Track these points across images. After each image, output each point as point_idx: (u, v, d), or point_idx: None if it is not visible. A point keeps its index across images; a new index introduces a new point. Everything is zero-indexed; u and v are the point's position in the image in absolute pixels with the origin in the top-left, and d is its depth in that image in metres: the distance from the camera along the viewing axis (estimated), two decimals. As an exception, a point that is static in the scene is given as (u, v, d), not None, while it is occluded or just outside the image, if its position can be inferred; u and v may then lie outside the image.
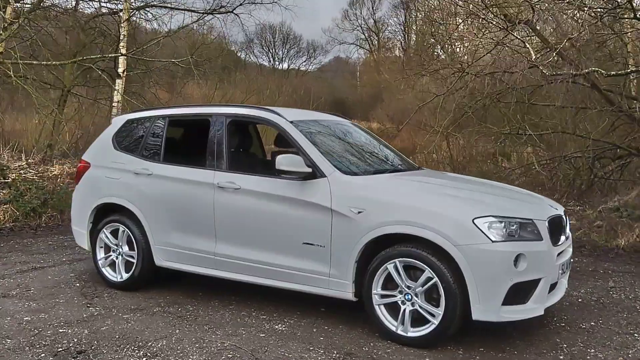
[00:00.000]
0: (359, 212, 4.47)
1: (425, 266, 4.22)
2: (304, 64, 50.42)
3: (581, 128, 11.16)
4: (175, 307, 5.25)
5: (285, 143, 6.03)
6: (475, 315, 4.11)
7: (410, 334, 4.31)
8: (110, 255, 5.82)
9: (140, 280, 5.65)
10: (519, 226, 4.22)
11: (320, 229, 4.65)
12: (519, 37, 9.08)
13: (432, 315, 4.23)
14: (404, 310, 4.34)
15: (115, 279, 5.76)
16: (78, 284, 5.95)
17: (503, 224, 4.17)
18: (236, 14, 15.75)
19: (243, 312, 5.09)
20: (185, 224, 5.34)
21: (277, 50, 50.21)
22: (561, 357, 4.19)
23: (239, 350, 4.23)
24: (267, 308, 5.18)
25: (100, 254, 5.88)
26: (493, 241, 4.09)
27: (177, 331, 4.63)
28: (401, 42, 47.08)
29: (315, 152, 4.86)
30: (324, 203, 4.63)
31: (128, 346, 4.30)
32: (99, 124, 14.01)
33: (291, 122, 5.14)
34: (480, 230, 4.11)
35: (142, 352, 4.20)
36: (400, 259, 4.32)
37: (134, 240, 5.62)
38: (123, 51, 13.81)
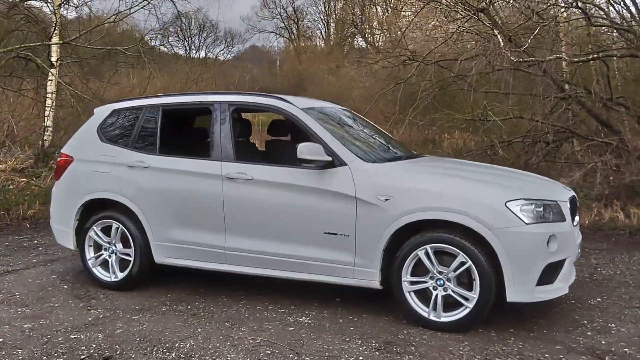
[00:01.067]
0: (386, 200, 4.42)
1: (458, 251, 4.23)
2: (222, 52, 49.41)
3: (529, 113, 11.52)
4: (183, 304, 5.02)
5: (279, 131, 5.92)
6: (510, 297, 4.16)
7: (443, 319, 4.32)
8: (102, 254, 5.48)
9: (138, 279, 5.36)
10: (547, 208, 4.31)
11: (344, 218, 4.56)
12: (487, 24, 9.28)
13: (466, 299, 4.26)
14: (436, 295, 4.34)
15: (108, 279, 5.43)
16: (66, 286, 5.57)
17: (533, 206, 4.24)
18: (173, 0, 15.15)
19: (258, 307, 4.93)
20: (189, 218, 5.10)
21: (193, 39, 48.97)
22: (588, 333, 4.33)
23: (275, 346, 4.09)
24: (282, 301, 5.05)
25: (90, 253, 5.52)
26: (527, 223, 4.15)
27: (199, 330, 4.43)
28: (321, 31, 47.32)
29: (333, 140, 4.75)
30: (347, 192, 4.54)
31: (155, 349, 4.07)
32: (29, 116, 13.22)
33: (302, 109, 5.01)
34: (514, 213, 4.17)
35: (174, 354, 3.98)
36: (432, 245, 4.31)
37: (130, 237, 5.31)
38: (56, 39, 13.00)
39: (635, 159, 9.06)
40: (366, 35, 39.21)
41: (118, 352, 4.02)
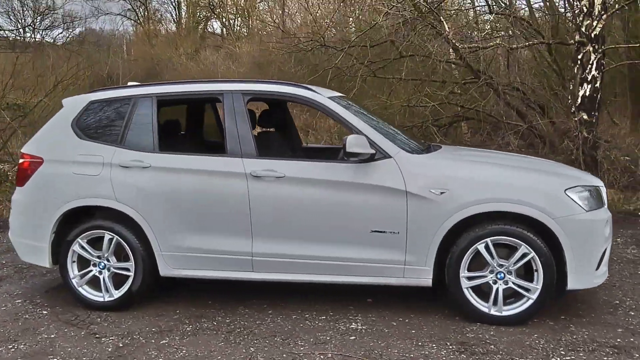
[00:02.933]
0: (442, 193, 4.21)
1: (520, 242, 4.15)
2: (60, 36, 45.39)
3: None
4: (206, 321, 4.46)
5: (270, 122, 5.49)
6: (571, 285, 4.16)
7: (505, 313, 4.23)
8: (90, 271, 4.69)
9: (138, 296, 4.67)
10: (595, 193, 4.36)
11: (393, 214, 4.28)
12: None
13: (527, 290, 4.19)
14: (497, 289, 4.22)
15: (101, 299, 4.67)
16: (45, 311, 4.72)
17: (588, 193, 4.27)
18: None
19: (294, 316, 4.51)
20: (205, 222, 4.52)
21: (26, 21, 44.45)
22: (632, 313, 4.47)
23: (354, 359, 3.74)
24: (312, 307, 4.66)
25: (74, 271, 4.71)
26: (586, 210, 4.17)
27: (252, 349, 3.94)
28: (172, 15, 45.41)
29: (372, 131, 4.44)
30: (396, 186, 4.27)
31: (224, 377, 3.54)
32: None
33: (329, 98, 4.63)
34: (574, 200, 4.16)
35: (250, 381, 3.49)
36: (493, 237, 4.18)
37: (127, 249, 4.60)
38: None
39: (558, 139, 9.67)
40: (223, 20, 38.42)
41: (183, 387, 3.44)
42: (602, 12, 9.08)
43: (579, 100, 9.34)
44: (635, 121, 13.60)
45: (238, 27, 37.02)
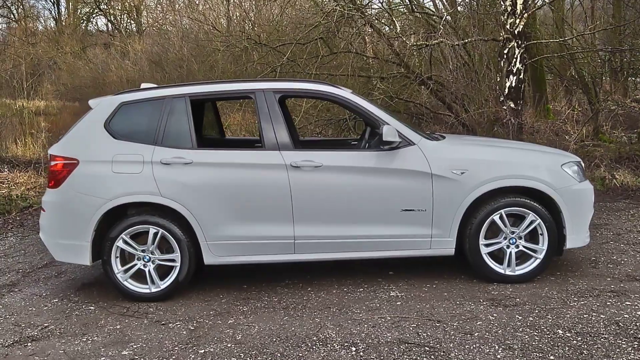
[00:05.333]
0: (462, 173, 4.87)
1: (528, 211, 4.90)
2: None
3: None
4: (254, 301, 4.84)
5: None
6: (570, 244, 4.98)
7: (517, 272, 4.97)
8: (135, 265, 4.91)
9: (183, 285, 4.96)
10: (581, 168, 5.21)
11: (421, 194, 4.89)
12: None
13: (535, 251, 4.96)
14: (510, 253, 4.95)
15: (147, 291, 4.91)
16: (91, 307, 4.88)
17: (577, 167, 5.10)
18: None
19: (334, 291, 5.00)
20: (249, 212, 4.88)
21: None
22: (610, 266, 5.37)
23: (411, 319, 4.31)
24: (347, 283, 5.17)
25: (118, 266, 4.90)
26: (579, 181, 4.99)
27: (317, 320, 4.40)
28: (51, 11, 43.33)
29: (397, 122, 5.02)
30: (422, 169, 4.88)
31: (308, 344, 3.98)
32: None
33: (353, 93, 5.15)
34: (568, 174, 4.97)
35: (334, 344, 3.95)
36: (506, 209, 4.90)
37: (173, 241, 4.87)
38: None
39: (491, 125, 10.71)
40: (110, 17, 37.32)
41: (278, 354, 3.84)
42: (524, 11, 10.20)
43: (506, 90, 10.43)
44: (538, 108, 15.15)
45: (126, 24, 36.14)
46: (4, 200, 8.82)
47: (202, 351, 3.95)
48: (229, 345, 4.03)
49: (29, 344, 4.19)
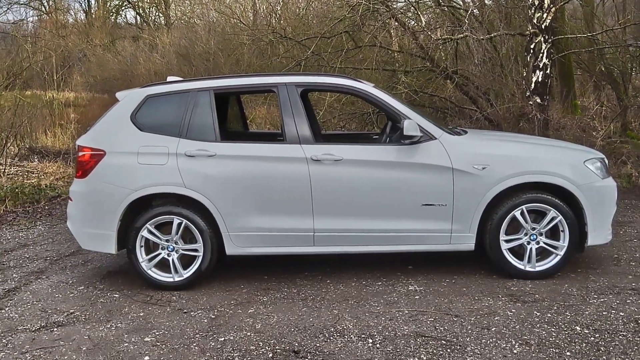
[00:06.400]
0: (484, 168, 4.87)
1: (549, 207, 4.88)
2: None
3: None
4: (274, 292, 4.92)
5: None
6: (591, 241, 4.95)
7: (538, 269, 4.95)
8: (159, 254, 5.02)
9: (205, 275, 5.05)
10: (604, 165, 5.16)
11: (441, 189, 4.90)
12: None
13: (555, 248, 4.94)
14: (530, 249, 4.94)
15: (171, 279, 5.01)
16: (115, 295, 5.00)
17: (600, 164, 5.06)
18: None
19: (353, 283, 5.05)
20: (270, 204, 4.95)
21: None
22: (632, 264, 5.33)
23: (428, 313, 4.35)
24: (365, 276, 5.20)
25: (142, 255, 5.02)
26: (602, 178, 4.96)
27: (335, 311, 4.45)
28: (81, 4, 43.88)
29: (419, 116, 5.03)
30: (443, 163, 4.89)
31: (322, 334, 4.04)
32: None
33: (374, 87, 5.18)
34: (591, 170, 4.94)
35: (350, 336, 4.01)
36: (527, 205, 4.89)
37: (196, 231, 4.97)
38: None
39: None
40: (139, 10, 37.72)
41: (296, 344, 3.91)
42: (551, 5, 10.08)
43: (532, 85, 10.33)
44: (565, 103, 14.96)
45: (154, 17, 36.52)
46: (33, 190, 9.04)
47: (222, 339, 4.03)
48: (249, 333, 4.11)
49: (55, 329, 4.32)
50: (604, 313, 4.23)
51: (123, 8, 40.08)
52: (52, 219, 7.92)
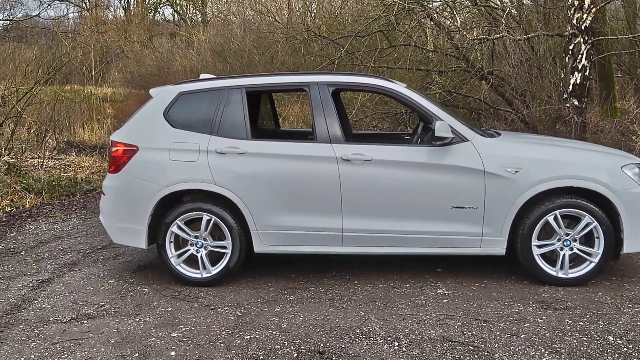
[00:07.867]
0: (516, 172, 4.77)
1: (584, 213, 4.76)
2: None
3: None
4: (301, 291, 4.91)
5: None
6: (627, 249, 4.81)
7: (571, 275, 4.84)
8: (188, 250, 5.06)
9: (233, 272, 5.07)
10: (640, 169, 5.03)
11: (472, 192, 4.82)
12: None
13: (589, 255, 4.82)
14: (563, 255, 4.83)
15: (199, 276, 5.04)
16: (145, 289, 5.05)
17: (638, 169, 4.92)
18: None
19: (381, 285, 5.01)
20: (299, 202, 4.95)
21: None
22: (670, 273, 5.18)
23: (457, 318, 4.28)
24: (394, 278, 5.16)
25: (172, 251, 5.06)
26: (639, 184, 4.82)
27: (362, 312, 4.42)
28: (120, 1, 44.51)
29: (451, 117, 4.96)
30: (475, 166, 4.81)
31: (351, 335, 4.01)
32: None
33: (406, 87, 5.12)
34: (629, 176, 4.80)
35: (377, 338, 3.97)
36: (561, 210, 4.78)
37: (225, 228, 4.99)
38: None
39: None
40: (176, 8, 38.15)
41: (321, 344, 3.89)
42: (592, 6, 9.85)
43: (570, 87, 10.12)
44: (604, 106, 14.63)
45: (191, 14, 36.89)
46: (69, 183, 9.22)
47: (248, 337, 4.04)
48: (274, 332, 4.11)
49: (85, 321, 4.39)
50: (638, 323, 4.11)
51: (161, 5, 40.60)
52: (86, 212, 8.06)
